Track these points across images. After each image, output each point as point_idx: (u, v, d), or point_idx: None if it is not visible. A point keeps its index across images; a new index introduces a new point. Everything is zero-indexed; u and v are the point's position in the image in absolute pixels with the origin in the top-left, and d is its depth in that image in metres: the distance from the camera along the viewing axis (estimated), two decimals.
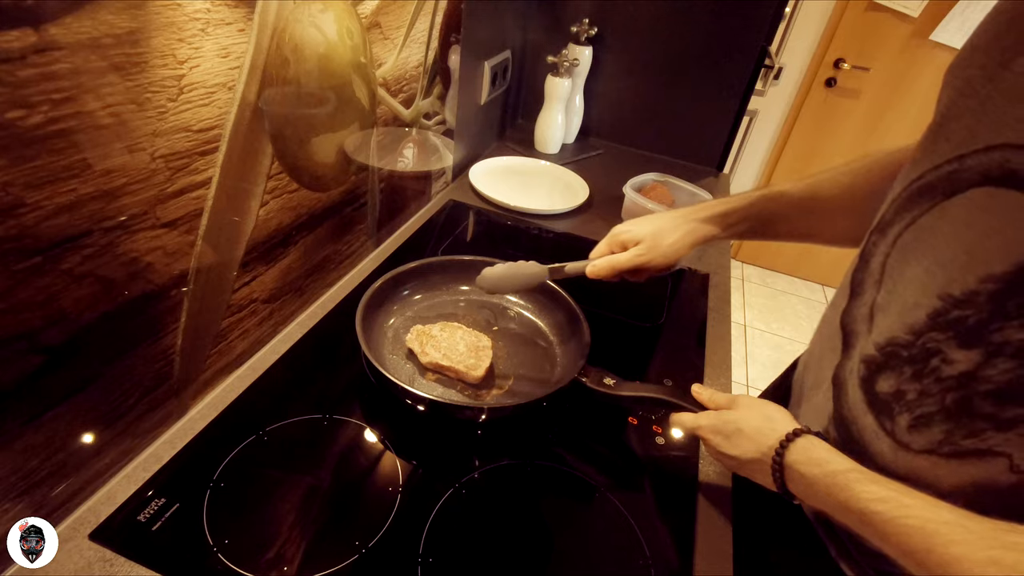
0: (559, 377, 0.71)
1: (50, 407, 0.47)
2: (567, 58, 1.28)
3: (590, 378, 0.66)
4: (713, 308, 0.94)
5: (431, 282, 0.82)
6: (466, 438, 0.67)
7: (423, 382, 0.70)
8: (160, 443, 0.60)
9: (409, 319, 0.78)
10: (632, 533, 0.58)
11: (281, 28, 0.59)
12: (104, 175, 0.45)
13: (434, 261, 0.82)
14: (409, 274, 0.80)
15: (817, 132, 2.43)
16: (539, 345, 0.78)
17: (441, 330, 0.72)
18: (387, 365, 0.68)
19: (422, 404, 0.65)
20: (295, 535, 0.53)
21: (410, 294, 0.81)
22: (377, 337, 0.73)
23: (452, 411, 0.66)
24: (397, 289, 0.79)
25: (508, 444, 0.66)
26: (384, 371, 0.62)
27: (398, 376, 0.63)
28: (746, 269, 2.91)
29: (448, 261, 0.83)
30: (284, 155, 0.66)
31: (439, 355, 0.69)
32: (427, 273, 0.81)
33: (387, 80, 0.84)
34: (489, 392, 0.70)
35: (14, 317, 0.42)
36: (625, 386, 0.66)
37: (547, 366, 0.75)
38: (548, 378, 0.72)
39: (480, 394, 0.69)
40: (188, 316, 0.59)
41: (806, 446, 0.48)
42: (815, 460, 0.46)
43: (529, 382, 0.72)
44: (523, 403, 0.64)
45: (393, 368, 0.70)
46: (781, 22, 1.34)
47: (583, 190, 1.20)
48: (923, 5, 2.07)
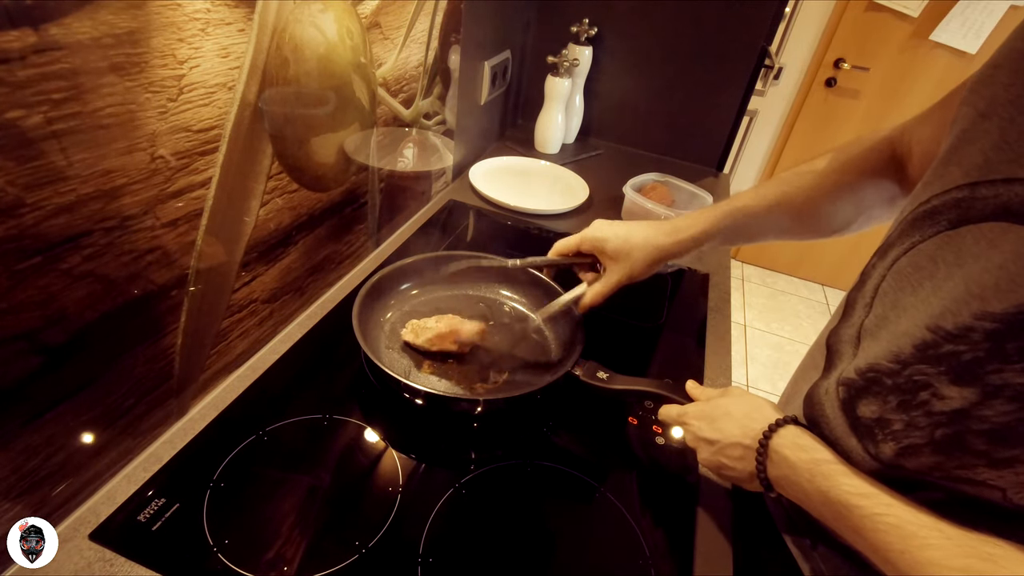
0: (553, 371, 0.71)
1: (50, 407, 0.47)
2: (567, 58, 1.28)
3: (583, 371, 0.67)
4: (713, 308, 0.94)
5: (427, 278, 0.82)
6: (465, 437, 0.67)
7: (419, 375, 0.70)
8: (160, 443, 0.60)
9: (406, 314, 0.78)
10: (632, 533, 0.58)
11: (281, 28, 0.59)
12: (104, 175, 0.45)
13: (430, 256, 0.82)
14: (405, 270, 0.80)
15: (817, 132, 2.43)
16: (534, 339, 0.78)
17: (436, 321, 0.73)
18: (384, 359, 0.69)
19: (418, 396, 0.65)
20: (295, 535, 0.53)
21: (407, 289, 0.81)
22: (374, 332, 0.74)
23: (448, 403, 0.66)
24: (393, 284, 0.79)
25: (507, 443, 0.66)
26: (380, 364, 0.62)
27: (394, 369, 0.63)
28: (746, 269, 2.91)
29: (444, 256, 0.83)
30: (284, 155, 0.66)
31: (432, 333, 0.70)
32: (423, 269, 0.82)
33: (387, 80, 0.84)
34: (484, 385, 0.70)
35: (14, 317, 0.42)
36: (618, 380, 0.67)
37: (542, 360, 0.75)
38: (543, 372, 0.73)
39: (475, 387, 0.70)
40: (188, 316, 0.59)
41: (794, 432, 0.48)
42: (801, 446, 0.46)
43: (524, 375, 0.72)
44: (517, 395, 0.65)
45: (390, 362, 0.70)
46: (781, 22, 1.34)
47: (583, 190, 1.20)
48: (923, 5, 2.07)
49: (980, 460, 0.37)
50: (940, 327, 0.38)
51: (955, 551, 0.35)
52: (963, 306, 0.36)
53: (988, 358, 0.35)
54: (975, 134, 0.39)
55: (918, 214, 0.43)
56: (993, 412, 0.35)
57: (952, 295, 0.37)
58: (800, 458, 0.46)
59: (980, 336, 0.35)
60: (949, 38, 2.08)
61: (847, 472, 0.43)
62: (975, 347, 0.36)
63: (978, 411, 0.36)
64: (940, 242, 0.40)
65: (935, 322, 0.38)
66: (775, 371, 2.29)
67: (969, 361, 0.36)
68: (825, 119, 2.40)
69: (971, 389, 0.36)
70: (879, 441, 0.42)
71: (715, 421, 0.54)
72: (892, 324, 0.43)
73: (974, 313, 0.36)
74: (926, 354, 0.39)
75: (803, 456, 0.46)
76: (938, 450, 0.38)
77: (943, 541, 0.36)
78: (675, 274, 1.02)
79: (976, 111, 0.40)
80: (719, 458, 0.53)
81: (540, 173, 1.28)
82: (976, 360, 0.36)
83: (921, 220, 0.43)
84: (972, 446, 0.37)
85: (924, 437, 0.39)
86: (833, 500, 0.42)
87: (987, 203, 0.37)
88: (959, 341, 0.37)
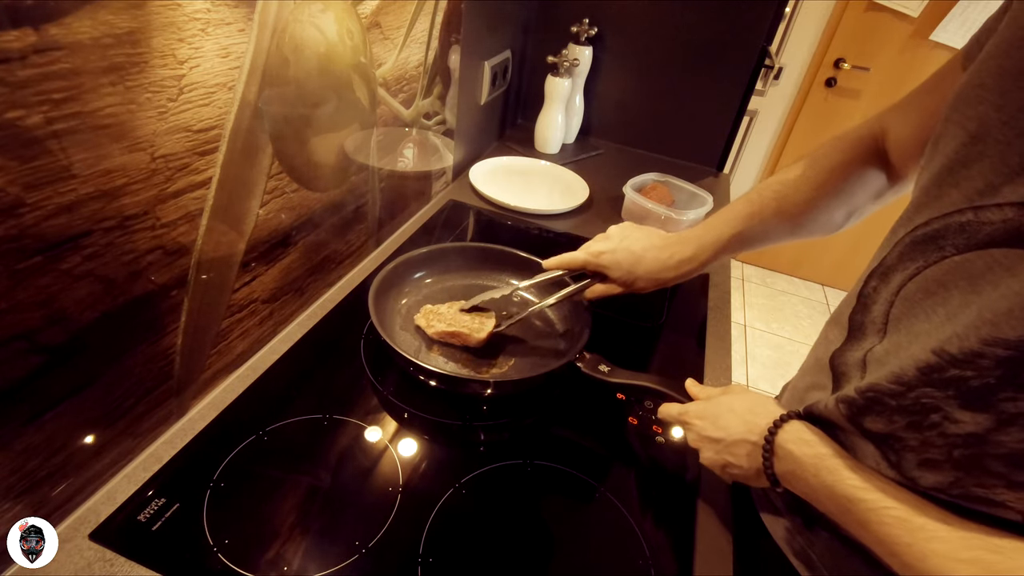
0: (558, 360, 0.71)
1: (50, 407, 0.47)
2: (567, 58, 1.28)
3: (585, 363, 0.68)
4: (713, 308, 0.94)
5: (442, 266, 0.85)
6: (465, 437, 0.67)
7: (429, 355, 0.72)
8: (160, 443, 0.60)
9: (422, 299, 0.81)
10: (632, 533, 0.58)
11: (281, 28, 0.59)
12: (104, 175, 0.45)
13: (449, 247, 0.86)
14: (423, 258, 0.83)
15: (817, 132, 2.43)
16: (541, 329, 0.80)
17: (448, 308, 0.76)
18: (397, 339, 0.71)
19: (427, 376, 0.66)
20: (295, 535, 0.53)
21: (421, 277, 0.84)
22: (390, 314, 0.77)
23: (457, 384, 0.68)
24: (410, 272, 0.83)
25: (507, 443, 0.66)
26: (392, 343, 0.65)
27: (406, 349, 0.65)
28: (746, 269, 2.92)
29: (463, 247, 0.87)
30: (284, 155, 0.66)
31: (444, 325, 0.72)
32: (441, 258, 0.85)
33: (387, 80, 0.84)
34: (490, 370, 0.72)
35: (14, 317, 0.42)
36: (619, 373, 0.67)
37: (547, 349, 0.77)
38: (548, 360, 0.74)
39: (482, 370, 0.71)
40: (188, 316, 0.59)
41: (799, 427, 0.48)
42: (807, 441, 0.46)
43: (530, 363, 0.74)
44: (524, 377, 0.68)
45: (402, 342, 0.73)
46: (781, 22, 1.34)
47: (583, 190, 1.20)
48: (923, 5, 2.07)
49: (999, 481, 0.36)
50: (945, 351, 0.37)
51: (962, 543, 0.35)
52: (972, 331, 0.35)
53: (1000, 385, 0.34)
54: (970, 156, 0.39)
55: (918, 237, 0.42)
56: (1010, 439, 0.35)
57: (964, 321, 0.37)
58: (805, 453, 0.46)
59: (991, 363, 0.35)
60: (949, 38, 2.08)
61: (852, 466, 0.43)
62: (984, 373, 0.35)
63: (994, 436, 0.35)
64: (948, 267, 0.39)
65: (940, 346, 0.37)
66: (775, 371, 2.29)
67: (979, 387, 0.35)
68: (825, 119, 2.40)
69: (984, 415, 0.36)
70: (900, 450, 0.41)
71: (718, 419, 0.54)
72: (903, 350, 0.42)
73: (983, 339, 0.35)
74: (931, 377, 0.38)
75: (808, 451, 0.46)
76: (957, 467, 0.38)
77: (950, 533, 0.36)
78: None
79: (967, 132, 0.39)
80: (724, 456, 0.53)
81: (540, 173, 1.28)
82: (987, 387, 0.35)
83: (923, 244, 0.42)
84: (991, 468, 0.36)
85: (942, 454, 0.38)
86: (839, 494, 0.42)
87: (996, 228, 0.36)
88: (965, 366, 0.36)
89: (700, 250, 0.68)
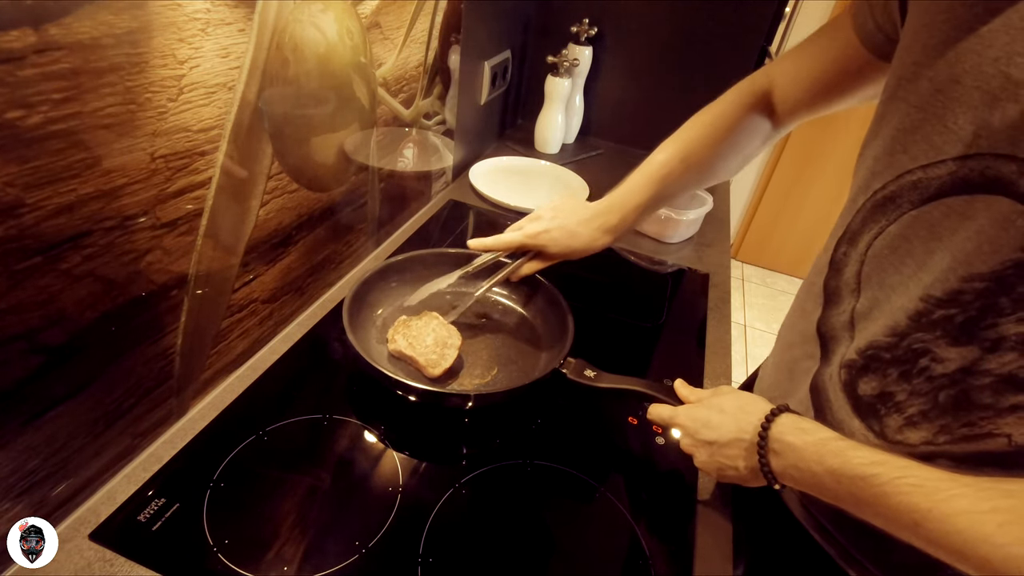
0: (543, 368, 0.71)
1: (50, 407, 0.47)
2: (567, 58, 1.28)
3: (570, 369, 0.67)
4: (713, 308, 0.94)
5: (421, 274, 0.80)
6: (464, 437, 0.67)
7: None
8: (160, 443, 0.60)
9: (397, 310, 0.78)
10: (632, 533, 0.58)
11: (281, 28, 0.59)
12: (104, 175, 0.45)
13: (426, 253, 0.82)
14: (399, 266, 0.80)
15: (817, 132, 2.43)
16: (525, 336, 0.78)
17: (419, 319, 0.72)
18: (373, 353, 0.68)
19: (403, 391, 0.64)
20: (295, 535, 0.53)
21: (397, 287, 0.80)
22: (366, 327, 0.74)
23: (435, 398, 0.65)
24: (386, 280, 0.79)
25: (506, 442, 0.66)
26: (368, 358, 0.62)
27: (382, 364, 0.63)
28: (746, 269, 2.92)
29: (439, 254, 0.82)
30: (284, 155, 0.66)
31: (405, 343, 0.69)
32: (417, 266, 0.81)
33: (387, 80, 0.84)
34: (472, 381, 0.70)
35: (14, 317, 0.42)
36: (605, 378, 0.66)
37: (531, 358, 0.75)
38: (533, 369, 0.73)
39: (463, 383, 0.70)
40: (188, 316, 0.59)
41: (793, 418, 0.48)
42: (804, 429, 0.46)
43: (514, 373, 0.72)
44: (503, 390, 0.66)
45: (379, 357, 0.70)
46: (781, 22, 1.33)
47: (583, 190, 1.19)
48: None
49: (986, 412, 0.39)
50: (931, 295, 0.41)
51: (979, 495, 0.35)
52: (950, 273, 0.40)
53: (981, 316, 0.38)
54: (914, 123, 0.43)
55: (877, 201, 0.46)
56: (995, 364, 0.38)
57: (940, 265, 0.40)
58: (805, 441, 0.45)
59: (971, 297, 0.39)
60: None
61: (855, 445, 0.42)
62: (966, 308, 0.39)
63: (980, 366, 0.39)
64: (908, 221, 0.44)
65: (926, 292, 0.41)
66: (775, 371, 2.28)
67: (963, 322, 0.39)
68: (825, 118, 2.37)
69: (969, 347, 0.39)
70: (883, 416, 0.44)
71: (708, 421, 0.54)
72: (884, 303, 0.45)
73: (961, 277, 0.39)
74: (920, 322, 0.42)
75: (808, 439, 0.45)
76: (943, 413, 0.40)
77: (965, 489, 0.36)
78: (675, 274, 1.02)
79: (909, 104, 0.44)
80: (718, 459, 0.53)
81: (540, 173, 1.28)
82: (969, 320, 0.39)
83: (882, 205, 0.46)
84: (977, 401, 0.39)
85: (928, 402, 0.41)
86: (847, 475, 0.41)
87: (943, 180, 0.41)
88: (949, 305, 0.40)
89: (625, 216, 0.74)
